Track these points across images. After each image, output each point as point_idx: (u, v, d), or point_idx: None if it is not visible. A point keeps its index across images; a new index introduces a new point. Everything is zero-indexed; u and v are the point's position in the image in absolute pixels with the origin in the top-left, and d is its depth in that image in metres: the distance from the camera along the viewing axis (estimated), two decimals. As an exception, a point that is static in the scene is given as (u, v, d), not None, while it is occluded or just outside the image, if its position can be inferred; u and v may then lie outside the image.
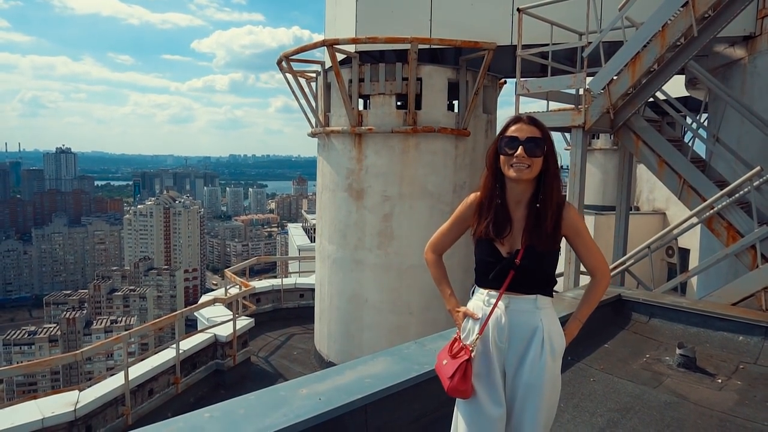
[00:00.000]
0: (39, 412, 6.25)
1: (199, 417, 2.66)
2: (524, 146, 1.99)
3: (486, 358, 2.07)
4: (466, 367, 2.02)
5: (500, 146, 2.05)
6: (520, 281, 2.05)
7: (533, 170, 2.01)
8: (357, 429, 2.97)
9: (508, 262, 2.05)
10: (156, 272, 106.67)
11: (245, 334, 9.92)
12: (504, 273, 2.05)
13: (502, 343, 2.06)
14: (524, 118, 2.07)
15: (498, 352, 2.06)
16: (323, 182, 10.26)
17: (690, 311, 4.90)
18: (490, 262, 2.09)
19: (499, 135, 2.10)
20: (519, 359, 2.04)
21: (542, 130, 2.05)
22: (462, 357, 2.04)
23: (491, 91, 9.97)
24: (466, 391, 2.03)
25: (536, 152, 2.00)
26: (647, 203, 15.15)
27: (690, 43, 5.62)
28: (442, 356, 2.15)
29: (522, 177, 2.00)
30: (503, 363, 2.07)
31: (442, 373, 2.09)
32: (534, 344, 2.02)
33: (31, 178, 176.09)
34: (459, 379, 2.01)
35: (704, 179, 5.74)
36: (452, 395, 2.07)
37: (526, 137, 2.00)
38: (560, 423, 3.41)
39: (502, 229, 2.07)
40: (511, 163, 2.01)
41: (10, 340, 79.52)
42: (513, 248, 2.07)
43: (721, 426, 3.40)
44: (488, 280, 2.11)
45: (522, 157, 1.99)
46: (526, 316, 2.05)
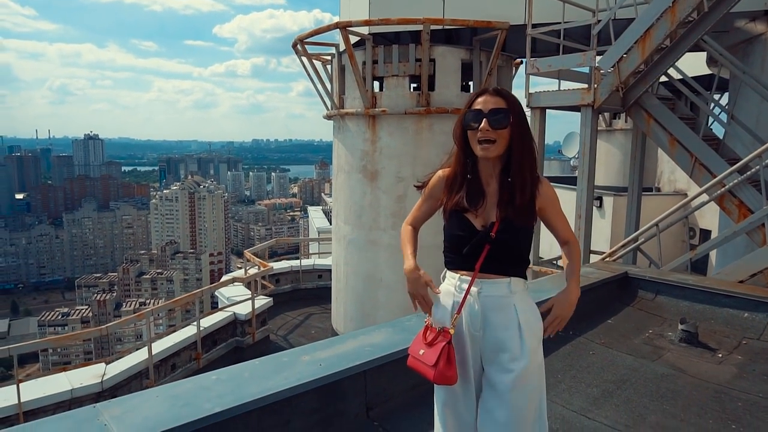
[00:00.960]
0: (68, 383, 6.60)
1: (207, 378, 2.85)
2: (488, 119, 1.88)
3: (459, 347, 1.96)
4: (449, 351, 1.89)
5: (465, 120, 1.94)
6: (495, 257, 1.92)
7: (500, 144, 1.90)
8: (356, 393, 3.12)
9: (483, 235, 1.92)
10: (182, 256, 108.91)
11: (264, 312, 10.20)
12: (479, 248, 1.92)
13: (476, 332, 1.95)
14: (489, 90, 1.95)
15: (472, 340, 1.96)
16: (339, 164, 10.39)
17: (696, 288, 4.91)
18: (463, 236, 1.96)
19: (464, 109, 1.99)
20: (495, 349, 1.93)
21: (508, 100, 1.92)
22: (442, 341, 1.91)
23: (506, 71, 9.91)
24: (453, 376, 1.90)
25: (502, 123, 1.88)
26: (668, 184, 14.92)
27: (702, 19, 5.54)
28: (416, 348, 2.00)
29: (489, 155, 1.91)
30: (480, 351, 1.97)
31: (421, 364, 1.94)
32: (510, 332, 1.91)
33: (61, 165, 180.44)
34: (444, 363, 1.87)
35: (716, 157, 5.69)
36: (439, 382, 1.93)
37: (489, 109, 1.89)
38: (556, 392, 3.52)
39: (476, 201, 1.96)
40: (478, 138, 1.90)
41: (45, 321, 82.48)
42: (487, 222, 1.95)
43: (716, 397, 3.46)
44: (460, 259, 1.98)
45: (486, 130, 1.87)
46: (499, 302, 1.93)
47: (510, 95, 1.94)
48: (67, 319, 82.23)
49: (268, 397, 2.67)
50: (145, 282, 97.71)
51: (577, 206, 6.19)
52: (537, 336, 1.97)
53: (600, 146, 17.41)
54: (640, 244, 6.39)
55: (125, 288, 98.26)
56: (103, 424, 2.32)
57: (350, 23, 8.79)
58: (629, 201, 7.18)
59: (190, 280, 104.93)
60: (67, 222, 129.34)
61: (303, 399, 2.84)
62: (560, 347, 4.21)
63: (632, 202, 7.13)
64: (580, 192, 6.15)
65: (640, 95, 6.13)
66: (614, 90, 5.96)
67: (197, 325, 8.34)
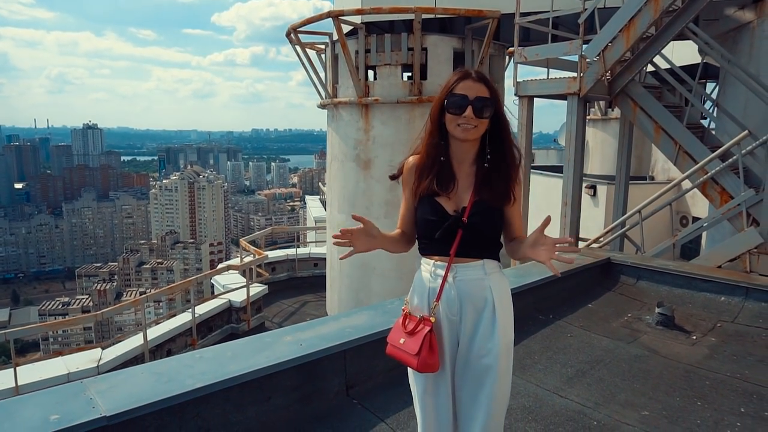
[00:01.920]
0: (65, 367, 6.74)
1: (191, 357, 2.97)
2: (473, 106, 1.85)
3: (438, 334, 1.96)
4: (430, 339, 1.89)
5: (447, 104, 1.90)
6: (469, 242, 1.92)
7: (480, 129, 1.90)
8: (336, 372, 3.24)
9: (455, 219, 1.92)
10: (182, 245, 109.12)
11: (259, 300, 10.35)
12: (452, 233, 1.92)
13: (453, 316, 1.95)
14: (472, 74, 1.91)
15: (449, 325, 1.96)
16: (332, 153, 10.48)
17: (675, 273, 5.03)
18: (435, 221, 1.95)
19: (445, 90, 1.93)
20: (472, 330, 1.95)
21: (491, 89, 1.91)
22: (423, 330, 1.91)
23: (498, 60, 9.98)
24: (435, 363, 1.90)
25: (485, 113, 1.88)
26: (662, 173, 15.00)
27: (687, 7, 5.60)
28: (396, 336, 1.99)
29: (469, 137, 1.90)
30: (457, 335, 1.97)
31: (403, 353, 1.94)
32: (485, 314, 1.93)
33: (60, 154, 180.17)
34: (427, 352, 1.88)
35: (699, 144, 5.78)
36: (423, 371, 1.92)
37: (475, 96, 1.86)
38: (531, 373, 3.64)
39: (447, 183, 1.95)
40: (458, 122, 1.88)
41: (45, 311, 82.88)
42: (459, 206, 1.94)
43: (686, 376, 3.58)
44: (434, 244, 1.97)
45: (471, 118, 1.86)
46: (475, 285, 1.94)
47: (491, 83, 1.94)
48: (67, 309, 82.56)
49: (248, 374, 2.78)
50: (145, 272, 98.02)
51: (564, 193, 6.29)
52: (510, 316, 2.00)
53: (596, 135, 17.54)
54: (626, 230, 6.50)
55: (125, 278, 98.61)
56: (89, 398, 2.43)
57: (342, 12, 8.84)
58: (617, 189, 7.28)
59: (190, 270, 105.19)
60: (67, 212, 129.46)
61: (283, 377, 2.96)
62: (539, 330, 4.33)
63: (620, 190, 7.23)
64: (567, 179, 6.24)
65: (626, 84, 6.20)
66: (600, 78, 6.04)
67: (192, 312, 8.47)
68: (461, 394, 2.01)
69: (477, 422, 1.95)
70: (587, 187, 13.36)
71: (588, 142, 17.83)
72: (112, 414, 2.32)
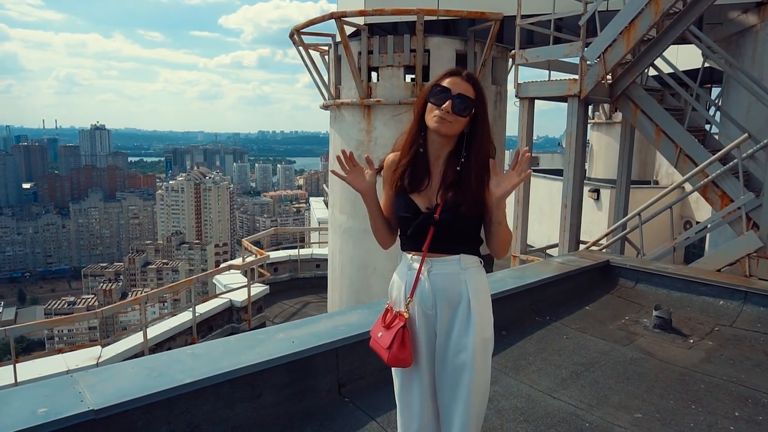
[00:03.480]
0: (65, 364, 6.79)
1: (182, 353, 2.98)
2: (453, 101, 1.85)
3: (414, 327, 1.97)
4: (403, 334, 1.91)
5: (430, 94, 1.90)
6: (441, 238, 1.92)
7: (454, 127, 1.88)
8: (328, 370, 3.24)
9: (427, 216, 1.92)
10: (188, 246, 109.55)
11: (260, 300, 10.37)
12: (424, 229, 1.92)
13: (429, 311, 1.95)
14: (463, 73, 1.92)
15: (426, 319, 1.96)
16: (335, 154, 10.49)
17: (674, 276, 5.00)
18: (408, 217, 1.95)
19: (432, 83, 1.95)
20: (447, 325, 1.95)
21: (477, 90, 1.90)
22: (397, 325, 1.93)
23: (501, 62, 9.96)
24: (407, 359, 1.92)
25: (463, 111, 1.86)
26: (666, 177, 14.94)
27: (688, 10, 5.58)
28: (376, 330, 2.03)
29: (441, 130, 1.87)
30: (434, 329, 1.97)
31: (378, 347, 1.98)
32: (461, 310, 1.92)
33: (67, 155, 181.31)
34: (398, 346, 1.90)
35: (700, 148, 5.75)
36: (393, 365, 1.96)
37: (457, 93, 1.86)
38: (525, 374, 3.62)
39: (420, 180, 1.95)
40: (435, 112, 1.87)
41: (51, 310, 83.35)
42: (432, 203, 1.94)
43: (681, 380, 3.56)
44: (408, 240, 1.98)
45: (447, 112, 1.84)
46: (450, 279, 1.93)
47: (479, 85, 1.93)
48: (73, 308, 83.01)
49: (239, 370, 2.78)
50: (150, 272, 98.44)
51: (563, 196, 6.27)
52: (488, 311, 1.98)
53: (600, 139, 17.50)
54: (627, 233, 6.47)
55: (131, 278, 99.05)
56: (78, 391, 2.44)
57: (345, 14, 8.86)
58: (617, 192, 7.25)
59: (195, 271, 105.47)
60: (74, 212, 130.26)
61: (274, 374, 2.96)
62: (535, 331, 4.31)
63: (620, 193, 7.20)
64: (567, 182, 6.22)
65: (627, 86, 6.19)
66: (601, 81, 6.02)
67: (193, 311, 8.50)
68: (441, 391, 2.01)
69: (456, 418, 1.95)
70: (591, 191, 13.32)
71: (592, 146, 17.79)
72: (100, 408, 2.32)
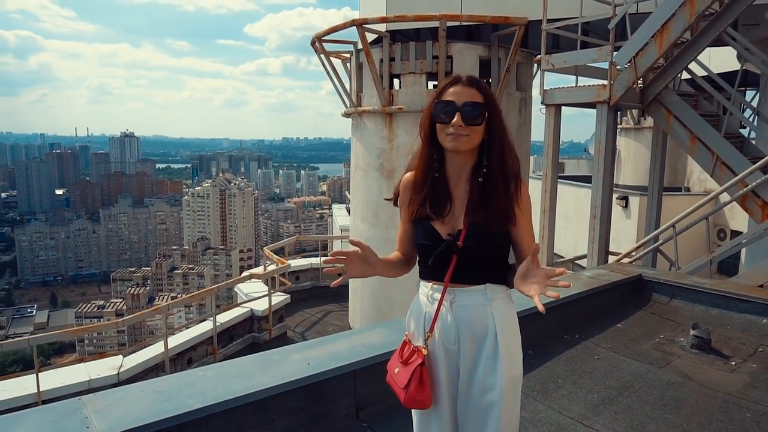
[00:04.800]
0: (86, 374, 6.78)
1: (193, 374, 2.87)
2: (461, 112, 1.69)
3: (434, 363, 1.81)
4: (421, 373, 1.75)
5: (435, 112, 1.74)
6: (465, 268, 1.76)
7: (473, 139, 1.72)
8: (344, 393, 3.09)
9: (449, 244, 1.75)
10: (213, 252, 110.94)
11: (281, 309, 10.28)
12: (446, 259, 1.76)
13: (451, 345, 1.78)
14: (463, 79, 1.75)
15: (447, 354, 1.80)
16: (356, 162, 10.40)
17: (712, 292, 4.73)
18: (428, 246, 1.79)
19: (434, 98, 1.78)
20: (472, 362, 1.78)
21: (484, 93, 1.74)
22: (415, 362, 1.77)
23: (526, 68, 9.74)
24: (425, 400, 1.76)
25: (476, 120, 1.70)
26: (698, 184, 14.45)
27: (725, 11, 5.31)
28: (393, 365, 1.87)
29: (460, 147, 1.72)
30: (457, 365, 1.80)
31: (395, 384, 1.82)
32: (487, 345, 1.75)
33: (98, 162, 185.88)
34: (416, 387, 1.74)
35: (738, 155, 5.45)
36: (410, 407, 1.81)
37: (463, 102, 1.69)
38: (554, 398, 3.42)
39: (441, 205, 1.78)
40: (448, 132, 1.70)
41: (82, 313, 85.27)
42: (454, 229, 1.78)
43: (723, 407, 3.31)
44: (429, 269, 1.82)
45: (459, 126, 1.68)
46: (474, 312, 1.77)
47: (485, 87, 1.77)
48: (102, 311, 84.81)
49: (251, 394, 2.66)
50: (177, 277, 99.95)
51: (592, 206, 6.03)
52: (517, 347, 1.81)
53: (628, 145, 17.05)
54: (660, 244, 6.19)
55: (158, 282, 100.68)
56: (84, 416, 2.35)
57: (366, 20, 8.78)
58: (649, 201, 6.95)
59: (220, 276, 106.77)
60: (104, 217, 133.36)
61: (289, 398, 2.83)
62: (564, 351, 4.10)
63: (653, 202, 6.91)
64: (595, 191, 5.98)
65: (659, 91, 5.93)
66: (631, 86, 5.78)
67: (213, 321, 8.45)
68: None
69: None
70: (619, 199, 12.94)
71: (620, 152, 17.34)
72: (105, 435, 2.23)
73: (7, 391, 6.20)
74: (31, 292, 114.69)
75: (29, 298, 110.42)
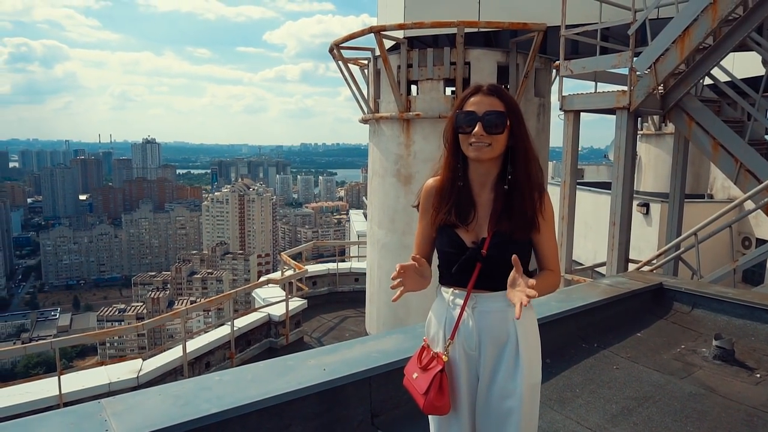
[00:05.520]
0: (107, 376, 6.89)
1: (210, 379, 2.90)
2: (483, 122, 1.72)
3: (454, 369, 1.83)
4: (441, 379, 1.76)
5: (457, 122, 1.78)
6: (488, 275, 1.78)
7: (495, 148, 1.75)
8: (360, 400, 3.09)
9: (473, 252, 1.78)
10: (231, 256, 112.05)
11: (298, 314, 10.33)
12: (470, 266, 1.78)
13: (472, 351, 1.81)
14: (484, 88, 1.78)
15: (467, 360, 1.82)
16: (373, 168, 10.43)
17: (736, 302, 4.62)
18: (453, 253, 1.81)
19: (455, 108, 1.82)
20: (492, 368, 1.80)
21: (506, 101, 1.77)
22: (435, 368, 1.78)
23: (544, 74, 9.69)
24: (444, 406, 1.78)
25: (498, 128, 1.73)
26: (722, 191, 14.16)
27: (749, 16, 5.22)
28: (411, 369, 1.88)
29: (482, 156, 1.75)
30: (476, 371, 1.83)
31: (414, 390, 1.83)
32: (507, 351, 1.78)
33: (120, 167, 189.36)
34: (435, 393, 1.75)
35: (763, 162, 5.34)
36: (429, 413, 1.82)
37: (484, 111, 1.73)
38: (572, 408, 3.37)
39: (466, 213, 1.81)
40: (470, 141, 1.74)
41: (103, 317, 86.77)
42: (479, 237, 1.80)
43: (747, 420, 3.23)
44: (452, 276, 1.83)
45: (481, 135, 1.72)
46: (496, 318, 1.79)
47: (506, 95, 1.80)
48: (123, 315, 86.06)
49: (267, 399, 2.68)
50: (196, 281, 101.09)
51: (612, 213, 5.95)
52: (537, 353, 1.84)
53: (649, 151, 16.81)
54: (681, 252, 6.08)
55: (178, 286, 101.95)
56: (103, 419, 2.39)
57: (384, 27, 8.82)
58: (670, 208, 6.84)
59: (238, 281, 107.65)
60: (126, 222, 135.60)
61: (304, 403, 2.84)
62: (582, 360, 4.04)
63: (674, 209, 6.80)
64: (615, 198, 5.90)
65: (680, 97, 5.84)
66: (652, 92, 5.70)
67: (231, 325, 8.53)
68: None
69: None
70: (640, 205, 12.75)
71: (641, 158, 17.11)
72: (124, 438, 2.26)
73: (30, 393, 6.32)
74: (55, 295, 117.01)
75: (53, 302, 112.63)
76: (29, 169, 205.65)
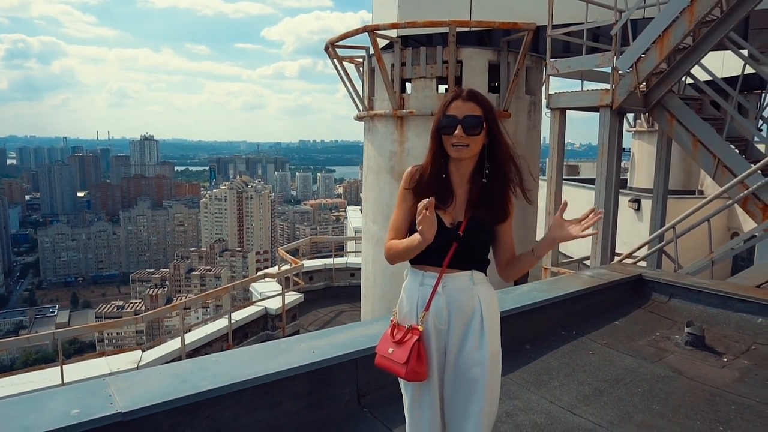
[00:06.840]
0: (107, 367, 7.10)
1: (207, 360, 3.11)
2: (462, 125, 1.93)
3: (425, 341, 2.00)
4: (419, 348, 1.94)
5: (439, 125, 1.99)
6: (460, 255, 1.99)
7: (473, 148, 1.97)
8: (347, 380, 3.30)
9: (452, 232, 1.98)
10: (230, 253, 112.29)
11: (295, 308, 10.55)
12: (446, 245, 1.97)
13: (441, 325, 2.00)
14: (463, 94, 1.98)
15: (437, 334, 2.00)
16: (368, 164, 10.62)
17: (710, 292, 4.84)
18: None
19: (438, 112, 2.02)
20: (461, 339, 2.00)
21: (482, 105, 1.97)
22: (412, 338, 1.96)
23: (535, 72, 9.87)
24: (423, 372, 1.95)
25: (475, 130, 1.94)
26: (712, 187, 14.35)
27: (726, 17, 5.43)
28: (384, 347, 2.06)
29: (462, 156, 1.97)
30: (444, 345, 2.02)
31: (391, 362, 1.99)
32: (474, 324, 1.99)
33: (118, 164, 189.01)
34: (415, 360, 1.92)
35: (739, 158, 5.56)
36: (411, 379, 1.97)
37: (464, 116, 1.93)
38: (547, 389, 3.59)
39: (446, 198, 2.01)
40: (452, 142, 1.95)
41: (102, 314, 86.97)
42: (455, 220, 2.01)
43: (710, 400, 3.45)
44: (427, 255, 1.97)
45: (461, 137, 1.93)
46: (464, 294, 2.00)
47: (483, 99, 2.00)
48: (121, 312, 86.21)
49: (260, 378, 2.88)
50: (194, 278, 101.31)
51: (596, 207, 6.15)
52: (497, 326, 2.06)
53: (642, 148, 17.02)
54: (663, 245, 6.30)
55: (176, 283, 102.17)
56: (108, 394, 2.60)
57: (378, 27, 8.99)
58: (654, 203, 7.06)
59: (237, 278, 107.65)
60: (124, 219, 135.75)
61: (294, 383, 3.05)
62: (560, 346, 4.26)
63: (657, 204, 7.01)
64: (599, 193, 6.11)
65: (662, 95, 6.04)
66: (633, 90, 5.91)
67: (228, 318, 8.74)
68: (451, 406, 2.05)
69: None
70: (631, 201, 12.98)
71: (633, 155, 17.32)
72: (128, 410, 2.46)
73: (33, 382, 6.52)
74: (53, 292, 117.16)
75: (51, 299, 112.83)
76: (27, 166, 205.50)
